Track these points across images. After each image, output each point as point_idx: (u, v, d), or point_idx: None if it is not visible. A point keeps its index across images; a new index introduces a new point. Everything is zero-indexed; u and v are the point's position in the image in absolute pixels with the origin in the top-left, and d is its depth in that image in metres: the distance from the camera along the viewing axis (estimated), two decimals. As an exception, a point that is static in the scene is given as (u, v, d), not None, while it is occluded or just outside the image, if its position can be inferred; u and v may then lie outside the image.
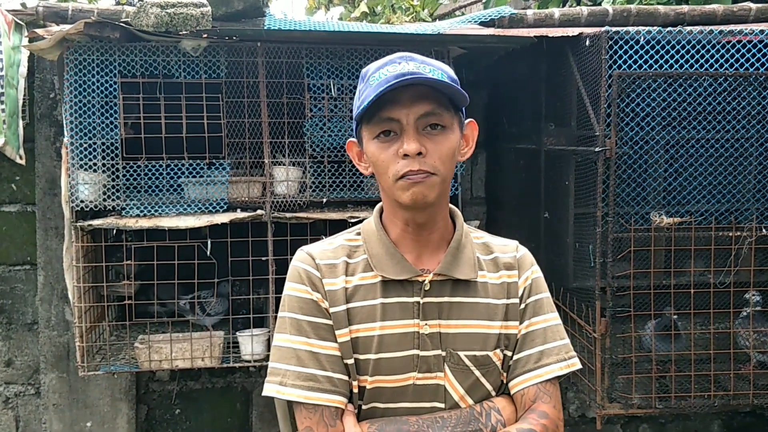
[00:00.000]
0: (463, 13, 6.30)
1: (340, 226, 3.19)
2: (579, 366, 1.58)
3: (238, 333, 3.34)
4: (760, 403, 3.22)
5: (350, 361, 1.48)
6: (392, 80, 1.37)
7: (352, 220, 3.14)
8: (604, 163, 3.00)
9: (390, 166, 1.43)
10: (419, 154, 1.40)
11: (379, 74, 1.42)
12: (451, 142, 1.45)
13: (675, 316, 3.23)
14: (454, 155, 1.47)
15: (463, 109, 1.52)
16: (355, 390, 1.49)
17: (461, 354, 1.50)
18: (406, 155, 1.40)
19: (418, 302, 1.49)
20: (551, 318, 1.58)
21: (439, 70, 1.43)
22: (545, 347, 1.54)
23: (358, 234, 1.59)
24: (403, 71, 1.39)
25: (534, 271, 1.60)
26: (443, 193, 1.48)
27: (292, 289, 1.52)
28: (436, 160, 1.42)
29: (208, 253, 3.15)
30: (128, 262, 3.20)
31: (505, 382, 1.55)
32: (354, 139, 1.56)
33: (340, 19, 6.52)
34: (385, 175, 1.45)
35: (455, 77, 1.47)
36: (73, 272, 3.10)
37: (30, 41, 3.12)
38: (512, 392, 1.53)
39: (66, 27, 2.98)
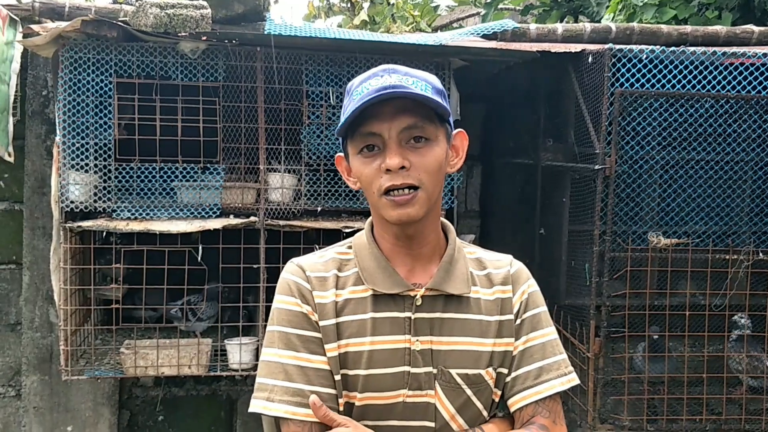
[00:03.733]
0: (461, 25, 6.30)
1: (334, 235, 3.18)
2: (577, 381, 1.54)
3: (226, 341, 3.28)
4: (751, 429, 3.20)
5: (337, 377, 1.43)
6: (373, 94, 1.34)
7: (347, 230, 3.10)
8: (603, 181, 2.98)
9: (374, 181, 1.40)
10: (402, 168, 1.37)
11: (362, 88, 1.39)
12: (436, 154, 1.41)
13: (656, 337, 3.21)
14: (441, 167, 1.43)
15: (450, 119, 1.48)
16: (341, 408, 1.44)
17: (453, 372, 1.45)
18: (389, 170, 1.37)
19: (410, 317, 1.44)
20: (549, 333, 1.54)
21: (423, 81, 1.40)
22: (544, 363, 1.50)
23: (350, 247, 1.55)
24: (384, 84, 1.36)
25: (530, 285, 1.56)
26: (431, 208, 1.44)
27: (281, 302, 1.47)
28: (421, 173, 1.39)
29: (199, 258, 3.10)
30: (117, 265, 3.14)
31: (497, 400, 1.50)
32: (342, 154, 1.53)
33: (340, 26, 6.50)
34: (370, 190, 1.41)
35: (441, 87, 1.44)
36: (60, 274, 3.03)
37: (24, 37, 3.06)
38: (512, 410, 1.49)
39: (62, 24, 2.93)
